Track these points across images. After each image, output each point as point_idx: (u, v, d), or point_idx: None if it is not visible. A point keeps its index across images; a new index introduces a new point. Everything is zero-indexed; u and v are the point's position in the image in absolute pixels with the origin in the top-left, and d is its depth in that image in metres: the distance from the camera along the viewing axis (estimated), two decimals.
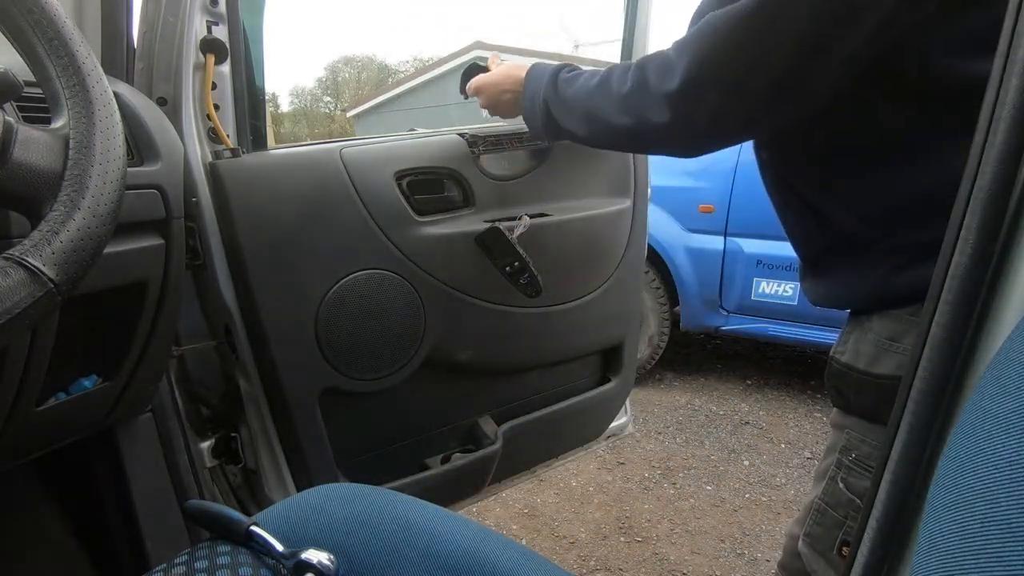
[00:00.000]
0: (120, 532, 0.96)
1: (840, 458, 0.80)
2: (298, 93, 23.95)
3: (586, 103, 0.86)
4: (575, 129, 0.90)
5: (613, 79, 0.81)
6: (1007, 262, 0.42)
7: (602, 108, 0.83)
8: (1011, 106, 0.41)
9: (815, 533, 0.84)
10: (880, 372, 0.75)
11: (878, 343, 0.75)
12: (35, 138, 0.51)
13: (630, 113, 0.79)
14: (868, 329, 0.77)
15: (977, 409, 0.34)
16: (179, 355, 1.06)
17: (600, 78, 0.84)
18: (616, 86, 0.80)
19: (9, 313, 0.44)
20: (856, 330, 0.79)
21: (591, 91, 0.85)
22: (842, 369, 0.80)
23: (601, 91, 0.83)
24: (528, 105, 0.97)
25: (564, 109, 0.90)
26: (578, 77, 0.89)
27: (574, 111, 0.88)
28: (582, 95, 0.87)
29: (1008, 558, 0.26)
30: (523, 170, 1.26)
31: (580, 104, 0.87)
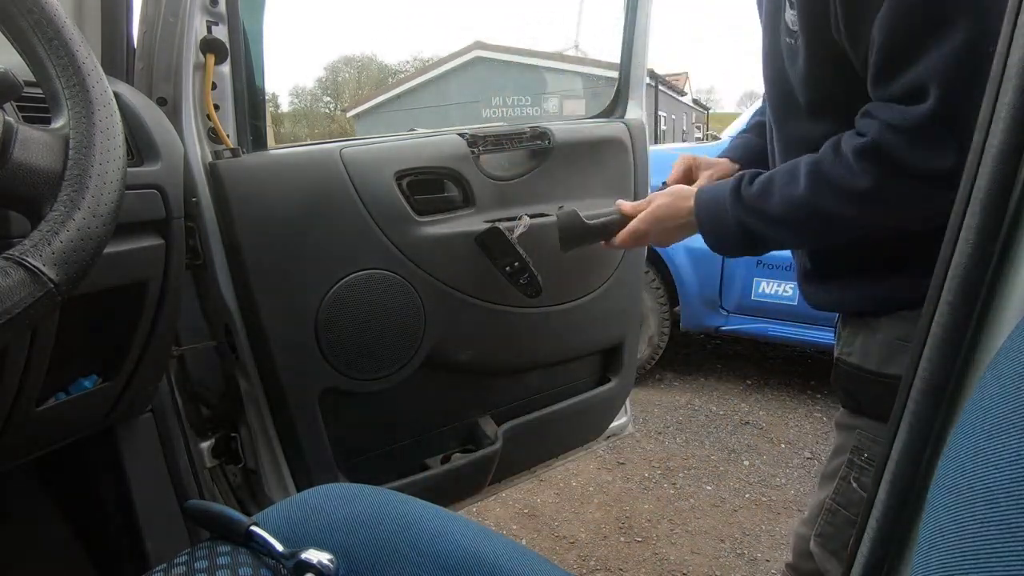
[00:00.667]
0: (120, 532, 0.96)
1: (852, 458, 0.81)
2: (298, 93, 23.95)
3: (806, 210, 0.75)
4: (788, 239, 0.84)
5: (832, 176, 0.72)
6: (1007, 262, 0.42)
7: (834, 209, 0.73)
8: (1010, 106, 0.41)
9: (827, 533, 0.84)
10: (894, 372, 0.76)
11: (890, 344, 0.76)
12: (35, 138, 0.51)
13: (881, 204, 0.70)
14: (877, 330, 0.78)
15: (977, 409, 0.34)
16: (179, 355, 1.06)
17: (809, 180, 0.74)
18: (845, 181, 0.70)
19: (9, 313, 0.44)
20: (863, 332, 0.80)
21: (805, 198, 0.74)
22: (852, 371, 0.80)
23: (822, 194, 0.73)
24: (714, 231, 0.87)
25: (770, 224, 0.80)
26: (770, 187, 0.79)
27: (786, 223, 0.79)
28: (796, 204, 0.76)
29: (1008, 558, 0.26)
30: (523, 170, 1.26)
31: (795, 214, 0.77)
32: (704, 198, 0.88)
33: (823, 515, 0.84)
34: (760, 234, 0.82)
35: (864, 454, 0.79)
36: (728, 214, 0.83)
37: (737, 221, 0.82)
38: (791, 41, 0.76)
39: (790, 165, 0.77)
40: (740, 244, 0.85)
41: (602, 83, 10.36)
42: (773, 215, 0.79)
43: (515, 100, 13.38)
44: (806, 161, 0.75)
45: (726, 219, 0.84)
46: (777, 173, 0.79)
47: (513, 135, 1.25)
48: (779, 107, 0.84)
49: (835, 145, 0.72)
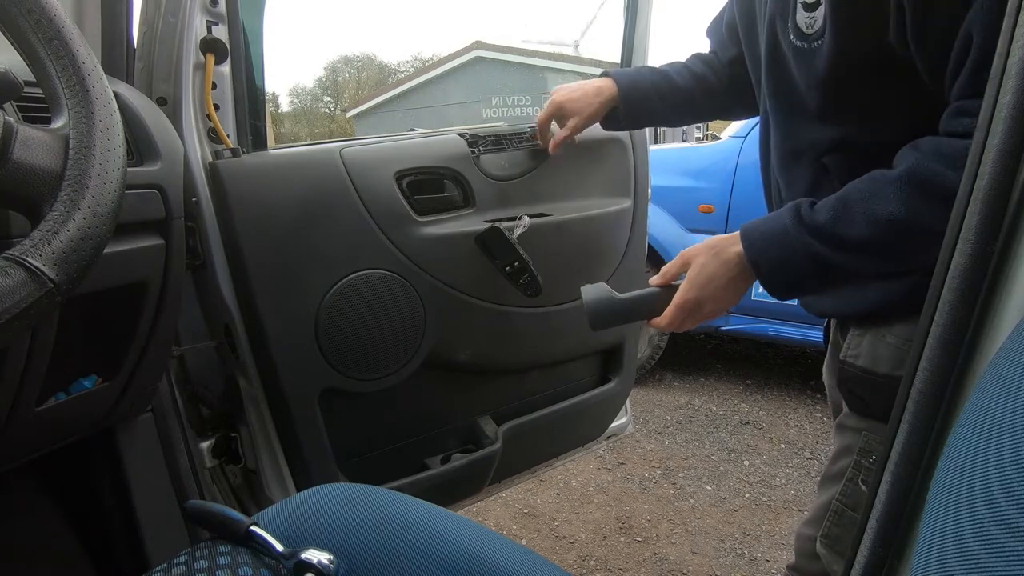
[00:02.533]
0: (120, 532, 0.96)
1: (859, 460, 0.80)
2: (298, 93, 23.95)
3: (900, 229, 0.66)
4: (873, 266, 0.73)
5: (944, 184, 0.63)
6: (1007, 262, 0.42)
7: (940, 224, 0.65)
8: (1010, 106, 0.41)
9: (834, 534, 0.84)
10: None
11: (900, 347, 0.76)
12: (35, 138, 0.51)
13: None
14: (886, 333, 0.77)
15: (977, 409, 0.34)
16: (179, 355, 1.06)
17: (906, 194, 0.65)
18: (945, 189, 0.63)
19: (9, 313, 0.44)
20: (869, 335, 0.79)
21: (899, 214, 0.66)
22: (861, 374, 0.79)
23: (925, 207, 0.65)
24: (777, 271, 0.75)
25: (854, 252, 0.70)
26: (846, 209, 0.69)
27: (873, 248, 0.69)
28: (887, 223, 0.67)
29: (1008, 558, 0.26)
30: (523, 170, 1.26)
31: (886, 235, 0.67)
32: (756, 237, 0.76)
33: (830, 516, 0.84)
34: (839, 265, 0.71)
35: (872, 456, 0.79)
36: (795, 249, 0.72)
37: (809, 255, 0.71)
38: (804, 44, 0.73)
39: (867, 182, 0.69)
40: (813, 282, 0.74)
41: None
42: (856, 240, 0.68)
43: (515, 100, 13.38)
44: (896, 175, 0.66)
45: (793, 255, 0.72)
46: (851, 193, 0.70)
47: (513, 135, 1.25)
48: (780, 111, 0.82)
49: (934, 150, 0.65)
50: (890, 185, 0.66)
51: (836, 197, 0.71)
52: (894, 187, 0.66)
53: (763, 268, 0.75)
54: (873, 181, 0.69)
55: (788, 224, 0.72)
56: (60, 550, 1.00)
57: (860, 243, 0.68)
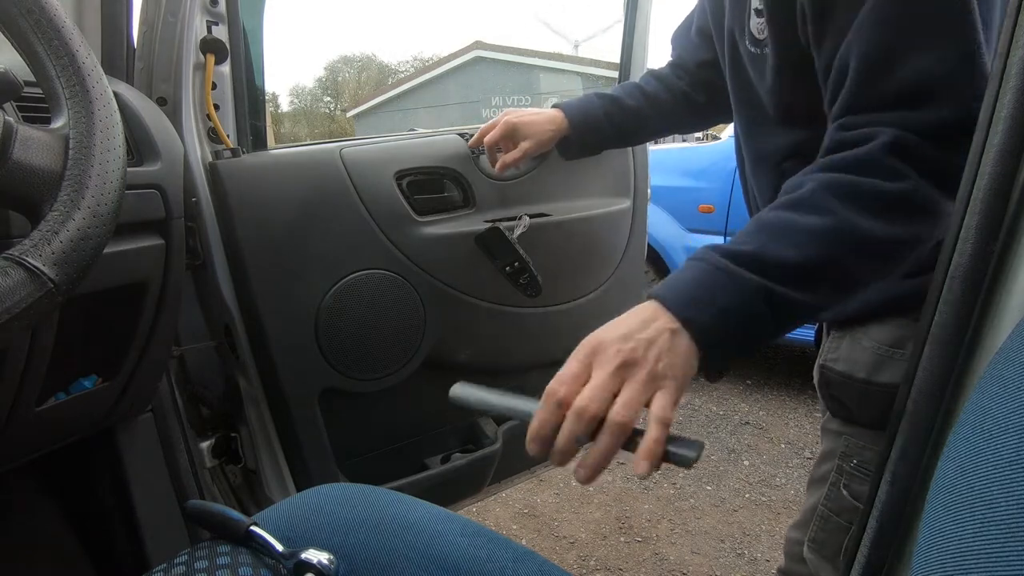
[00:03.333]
0: (120, 532, 0.96)
1: (841, 464, 0.79)
2: (298, 93, 23.95)
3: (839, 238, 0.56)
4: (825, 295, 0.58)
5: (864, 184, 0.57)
6: (1007, 262, 0.42)
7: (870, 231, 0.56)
8: (1011, 106, 0.41)
9: (820, 539, 0.83)
10: (885, 380, 0.74)
11: (878, 351, 0.74)
12: (35, 138, 0.51)
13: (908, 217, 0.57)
14: (863, 336, 0.76)
15: (977, 409, 0.34)
16: (179, 355, 1.06)
17: (831, 204, 0.57)
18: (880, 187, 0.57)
19: (9, 313, 0.44)
20: (847, 337, 0.78)
21: (831, 226, 0.56)
22: (840, 379, 0.78)
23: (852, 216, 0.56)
24: (722, 329, 0.55)
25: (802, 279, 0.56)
26: (781, 228, 0.58)
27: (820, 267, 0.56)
28: (821, 238, 0.56)
29: (1008, 558, 0.26)
30: (523, 170, 1.26)
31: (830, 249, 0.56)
32: (672, 284, 0.58)
33: (816, 521, 0.83)
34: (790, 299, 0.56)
35: (853, 460, 0.78)
36: (737, 283, 0.55)
37: (756, 288, 0.55)
38: (756, 51, 0.72)
39: (782, 201, 0.60)
40: (763, 325, 0.56)
41: (602, 83, 10.36)
42: (798, 262, 0.56)
43: (515, 100, 13.37)
44: (812, 186, 0.59)
45: (736, 299, 0.55)
46: (771, 214, 0.60)
47: None
48: (746, 117, 0.81)
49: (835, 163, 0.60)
50: (811, 195, 0.58)
51: (754, 222, 0.60)
52: (818, 196, 0.58)
53: (695, 321, 0.55)
54: (793, 196, 0.60)
55: (716, 257, 0.57)
56: (60, 550, 1.00)
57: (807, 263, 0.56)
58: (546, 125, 1.07)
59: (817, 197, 0.58)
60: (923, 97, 0.58)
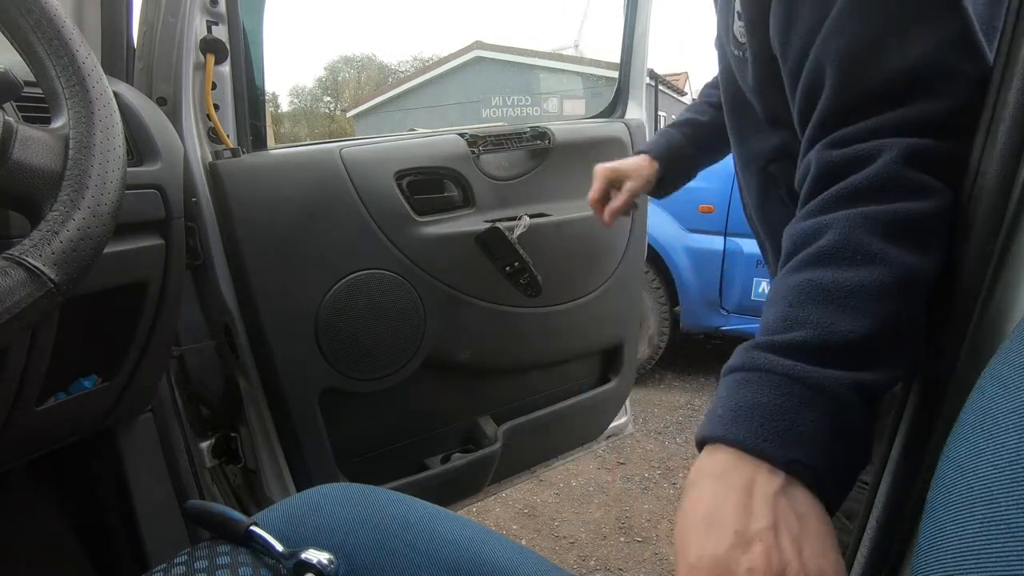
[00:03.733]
0: (120, 532, 0.96)
1: None
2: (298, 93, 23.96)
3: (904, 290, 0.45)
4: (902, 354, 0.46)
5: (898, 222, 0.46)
6: (1007, 262, 0.42)
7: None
8: (1011, 106, 0.41)
9: None
10: None
11: None
12: (35, 138, 0.51)
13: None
14: None
15: (977, 409, 0.34)
16: (179, 355, 1.06)
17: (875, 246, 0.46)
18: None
19: (9, 313, 0.44)
20: None
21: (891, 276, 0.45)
22: None
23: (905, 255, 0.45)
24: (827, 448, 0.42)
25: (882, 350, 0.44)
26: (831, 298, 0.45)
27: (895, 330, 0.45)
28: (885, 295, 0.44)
29: (1008, 558, 0.26)
30: (523, 170, 1.26)
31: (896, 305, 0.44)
32: (741, 414, 0.43)
33: None
34: (881, 383, 0.44)
35: None
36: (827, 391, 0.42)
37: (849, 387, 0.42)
38: (739, 53, 0.71)
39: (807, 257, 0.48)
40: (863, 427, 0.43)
41: (602, 83, 10.34)
42: (877, 331, 0.44)
43: (515, 100, 13.38)
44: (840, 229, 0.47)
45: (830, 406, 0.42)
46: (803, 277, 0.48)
47: (513, 135, 1.25)
48: (736, 121, 0.81)
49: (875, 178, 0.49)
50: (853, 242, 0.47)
51: (780, 298, 0.49)
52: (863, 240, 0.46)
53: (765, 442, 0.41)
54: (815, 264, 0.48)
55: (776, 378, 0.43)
56: (60, 550, 1.00)
57: (874, 335, 0.44)
58: (643, 162, 1.07)
59: (855, 242, 0.46)
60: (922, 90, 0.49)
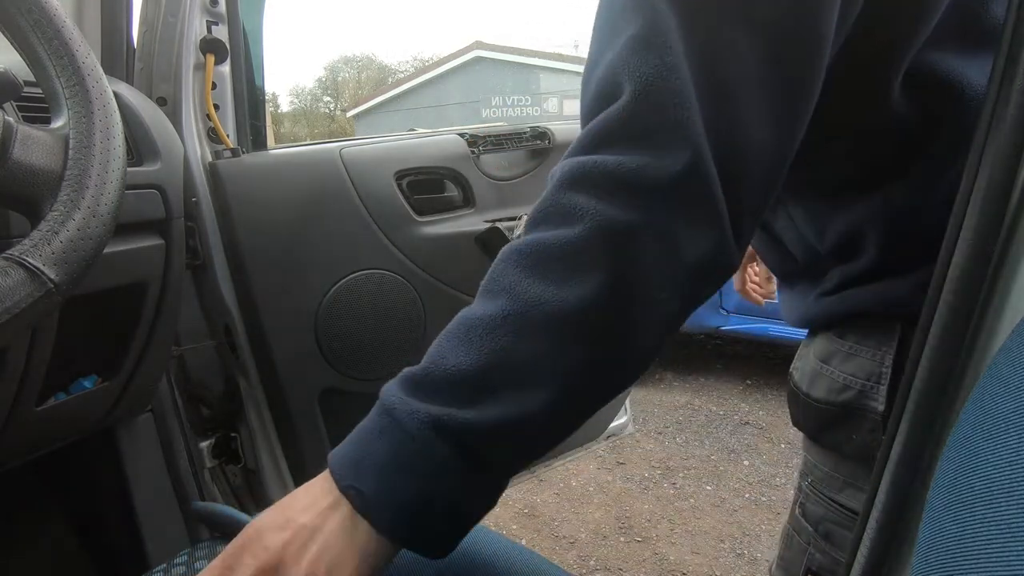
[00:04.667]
0: (120, 532, 0.96)
1: (800, 483, 0.75)
2: (298, 93, 23.98)
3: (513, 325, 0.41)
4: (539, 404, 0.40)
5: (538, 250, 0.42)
6: (1007, 262, 0.42)
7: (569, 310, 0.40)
8: (1012, 106, 0.41)
9: (786, 557, 0.80)
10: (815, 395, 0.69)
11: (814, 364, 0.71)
12: (35, 138, 0.51)
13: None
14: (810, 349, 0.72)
15: (977, 409, 0.34)
16: (179, 355, 1.06)
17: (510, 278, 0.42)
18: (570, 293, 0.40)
19: (9, 313, 0.44)
20: (805, 349, 0.75)
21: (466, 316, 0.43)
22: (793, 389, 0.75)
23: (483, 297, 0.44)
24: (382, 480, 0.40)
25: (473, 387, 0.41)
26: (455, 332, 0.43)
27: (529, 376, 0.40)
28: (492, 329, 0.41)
29: (1008, 558, 0.26)
30: (523, 170, 1.26)
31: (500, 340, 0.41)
32: (337, 455, 0.44)
33: (783, 539, 0.79)
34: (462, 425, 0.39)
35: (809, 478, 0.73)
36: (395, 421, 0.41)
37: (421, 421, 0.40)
38: None
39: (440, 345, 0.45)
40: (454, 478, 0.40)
41: None
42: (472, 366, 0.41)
43: (515, 100, 13.39)
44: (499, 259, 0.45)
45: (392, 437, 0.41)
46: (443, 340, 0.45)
47: (513, 135, 1.25)
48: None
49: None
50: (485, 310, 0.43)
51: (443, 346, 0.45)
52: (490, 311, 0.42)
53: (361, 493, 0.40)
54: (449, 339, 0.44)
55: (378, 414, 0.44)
56: (60, 550, 1.00)
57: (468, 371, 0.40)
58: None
59: (495, 275, 0.44)
60: (605, 100, 0.42)
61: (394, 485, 0.39)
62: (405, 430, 0.40)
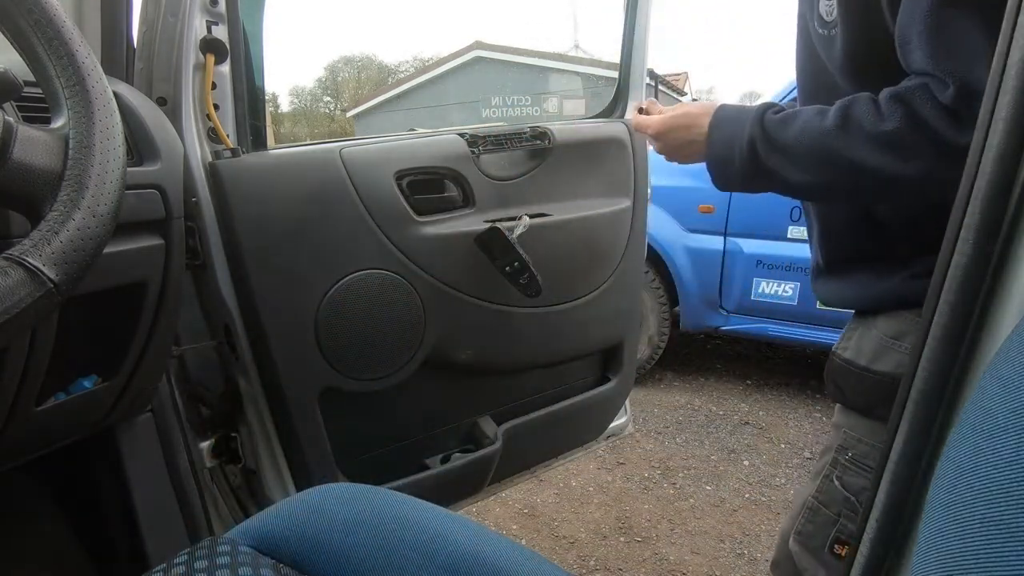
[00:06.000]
0: (120, 532, 0.96)
1: (836, 456, 0.82)
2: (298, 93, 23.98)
3: (820, 143, 0.72)
4: (793, 175, 0.75)
5: (860, 115, 0.69)
6: (1007, 262, 0.42)
7: (846, 150, 0.70)
8: (1011, 106, 0.41)
9: (806, 531, 0.85)
10: (879, 369, 0.78)
11: (881, 340, 0.78)
12: (35, 138, 0.51)
13: (896, 155, 0.67)
14: (872, 327, 0.80)
15: (977, 409, 0.34)
16: (179, 355, 1.06)
17: (838, 115, 0.71)
18: (869, 123, 0.68)
19: (9, 313, 0.44)
20: (860, 328, 0.82)
21: (827, 131, 0.71)
22: (843, 365, 0.82)
23: (844, 130, 0.70)
24: (720, 151, 0.81)
25: (780, 151, 0.75)
26: (796, 116, 0.75)
27: (797, 154, 0.74)
28: (813, 134, 0.72)
29: (1008, 558, 0.26)
30: (523, 170, 1.26)
31: (810, 144, 0.73)
32: (724, 113, 0.82)
33: (804, 512, 0.85)
34: (764, 159, 0.76)
35: (848, 453, 0.81)
36: (745, 131, 0.77)
37: (749, 139, 0.77)
38: (825, 32, 0.76)
39: (821, 106, 0.74)
40: (743, 168, 0.78)
41: (602, 83, 10.33)
42: (787, 141, 0.74)
43: (515, 100, 13.38)
44: (839, 102, 0.72)
45: (739, 136, 0.78)
46: (806, 108, 0.75)
47: (513, 135, 1.25)
48: (817, 97, 0.83)
49: (872, 95, 0.71)
50: (831, 109, 0.72)
51: (808, 109, 0.75)
52: (833, 109, 0.72)
53: (713, 139, 0.82)
54: (825, 106, 0.73)
55: (752, 112, 0.78)
56: (60, 550, 1.00)
57: (790, 145, 0.74)
58: None
59: (835, 108, 0.71)
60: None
61: (721, 147, 0.81)
62: (740, 134, 0.78)
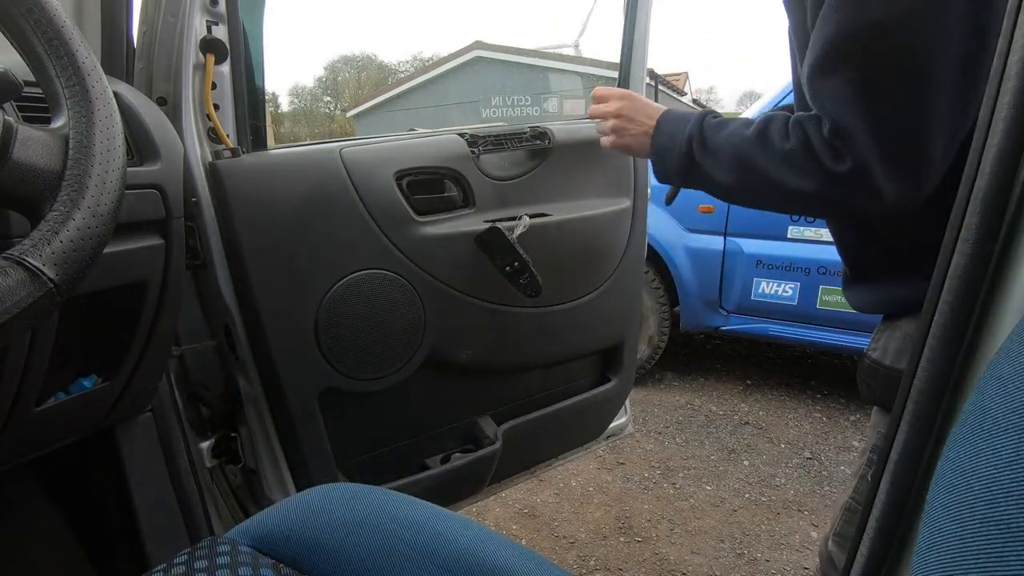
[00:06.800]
0: (120, 532, 0.96)
1: (871, 456, 0.85)
2: (298, 93, 23.98)
3: (739, 150, 0.81)
4: (717, 174, 0.85)
5: (772, 132, 0.78)
6: (1007, 262, 0.42)
7: (758, 159, 0.78)
8: (1010, 106, 0.41)
9: (845, 533, 0.86)
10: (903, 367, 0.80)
11: (905, 340, 0.81)
12: (35, 138, 0.51)
13: (792, 171, 0.76)
14: (897, 328, 0.83)
15: (977, 409, 0.34)
16: (179, 355, 1.06)
17: (757, 128, 0.80)
18: (777, 140, 0.77)
19: (9, 313, 0.44)
20: (887, 330, 0.85)
21: (747, 139, 0.80)
22: (872, 365, 0.86)
23: (759, 142, 0.79)
24: (663, 142, 0.91)
25: (710, 152, 0.84)
26: (727, 123, 0.85)
27: (721, 156, 0.83)
28: (736, 141, 0.81)
29: (1008, 558, 0.26)
30: (523, 170, 1.26)
31: (732, 150, 0.82)
32: (671, 113, 0.93)
33: (842, 514, 0.87)
34: (697, 157, 0.86)
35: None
36: (686, 129, 0.87)
37: (688, 137, 0.86)
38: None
39: (748, 118, 0.83)
40: (679, 161, 0.88)
41: (602, 83, 10.32)
42: (717, 144, 0.83)
43: (515, 100, 13.38)
44: (762, 116, 0.81)
45: (680, 133, 0.88)
46: (738, 118, 0.85)
47: (513, 135, 1.25)
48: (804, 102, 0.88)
49: (788, 115, 0.80)
50: (756, 121, 0.81)
51: (740, 120, 0.84)
52: (756, 122, 0.81)
53: (657, 133, 0.92)
54: (762, 121, 0.81)
55: (695, 115, 0.88)
56: (60, 550, 1.00)
57: (715, 146, 0.84)
58: None
59: (758, 122, 0.81)
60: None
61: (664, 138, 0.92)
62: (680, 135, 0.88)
